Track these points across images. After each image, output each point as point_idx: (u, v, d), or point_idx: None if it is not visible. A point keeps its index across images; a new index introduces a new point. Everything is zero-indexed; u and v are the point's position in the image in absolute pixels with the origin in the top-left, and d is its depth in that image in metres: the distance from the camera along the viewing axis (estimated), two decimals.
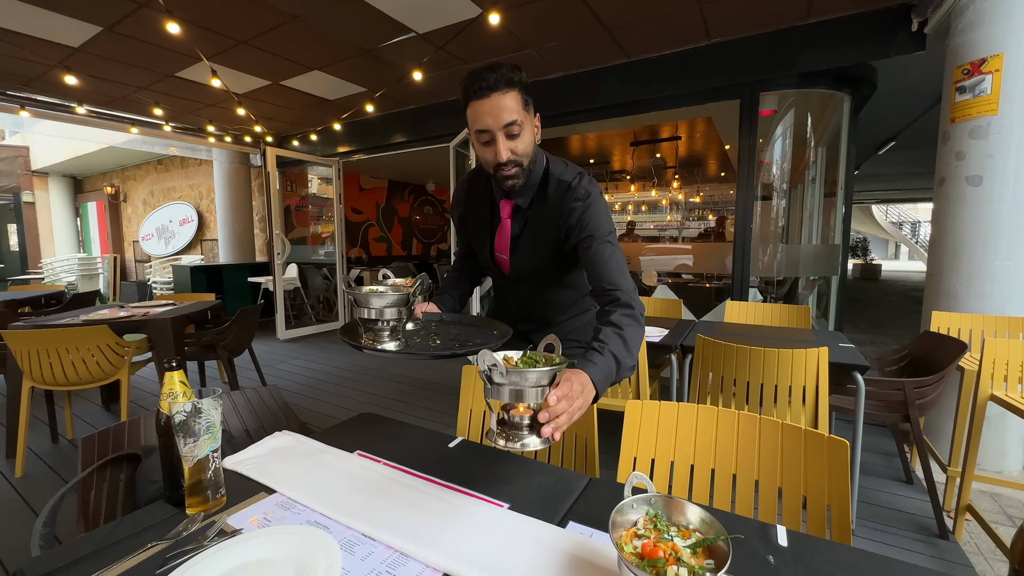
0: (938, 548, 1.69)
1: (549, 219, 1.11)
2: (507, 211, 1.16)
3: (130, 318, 2.57)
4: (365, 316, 0.94)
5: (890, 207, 19.64)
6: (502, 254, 1.21)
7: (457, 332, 1.14)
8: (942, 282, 2.34)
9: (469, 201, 1.25)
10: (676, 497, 0.61)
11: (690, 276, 4.83)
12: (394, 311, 0.95)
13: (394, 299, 0.95)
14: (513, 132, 0.98)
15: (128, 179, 8.86)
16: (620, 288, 1.00)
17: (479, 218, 1.23)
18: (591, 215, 1.05)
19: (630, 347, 0.91)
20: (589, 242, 1.04)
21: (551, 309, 1.29)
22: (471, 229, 1.27)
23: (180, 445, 0.76)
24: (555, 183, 1.10)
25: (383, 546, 0.69)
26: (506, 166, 1.01)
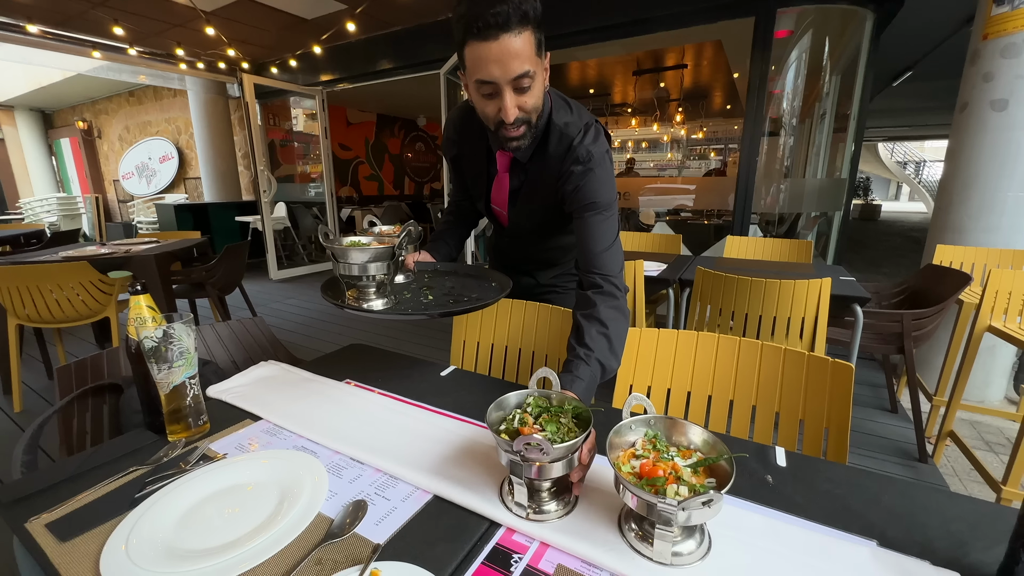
0: (917, 470, 1.76)
1: (549, 178, 0.97)
2: (504, 164, 1.02)
3: (111, 255, 2.48)
4: (346, 272, 0.87)
5: (896, 145, 19.08)
6: (499, 208, 1.11)
7: (452, 284, 1.07)
8: (950, 215, 2.27)
9: (463, 143, 1.09)
10: (677, 418, 0.58)
11: (689, 213, 4.72)
12: (379, 266, 0.88)
13: (378, 253, 0.87)
14: (523, 85, 0.80)
15: (100, 113, 8.35)
16: (606, 272, 0.90)
17: (474, 164, 1.09)
18: (589, 183, 0.92)
19: (615, 348, 0.84)
20: (581, 212, 0.93)
21: (555, 253, 1.23)
22: (466, 174, 1.13)
23: (154, 372, 0.72)
24: (557, 136, 0.94)
25: (372, 469, 0.67)
26: (512, 126, 0.85)
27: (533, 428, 0.58)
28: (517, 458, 0.53)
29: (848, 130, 3.77)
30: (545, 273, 1.25)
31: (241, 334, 1.22)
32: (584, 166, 0.92)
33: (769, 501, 0.60)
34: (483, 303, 0.93)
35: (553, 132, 0.94)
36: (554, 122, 0.94)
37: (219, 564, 0.50)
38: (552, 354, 1.17)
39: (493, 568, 0.50)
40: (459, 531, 0.55)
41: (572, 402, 0.63)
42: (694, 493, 0.48)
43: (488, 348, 1.25)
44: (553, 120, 0.94)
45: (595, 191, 0.92)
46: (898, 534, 0.55)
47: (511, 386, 0.94)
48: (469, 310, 0.92)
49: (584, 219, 0.93)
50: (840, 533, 0.54)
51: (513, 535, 0.55)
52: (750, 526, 0.55)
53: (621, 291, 0.90)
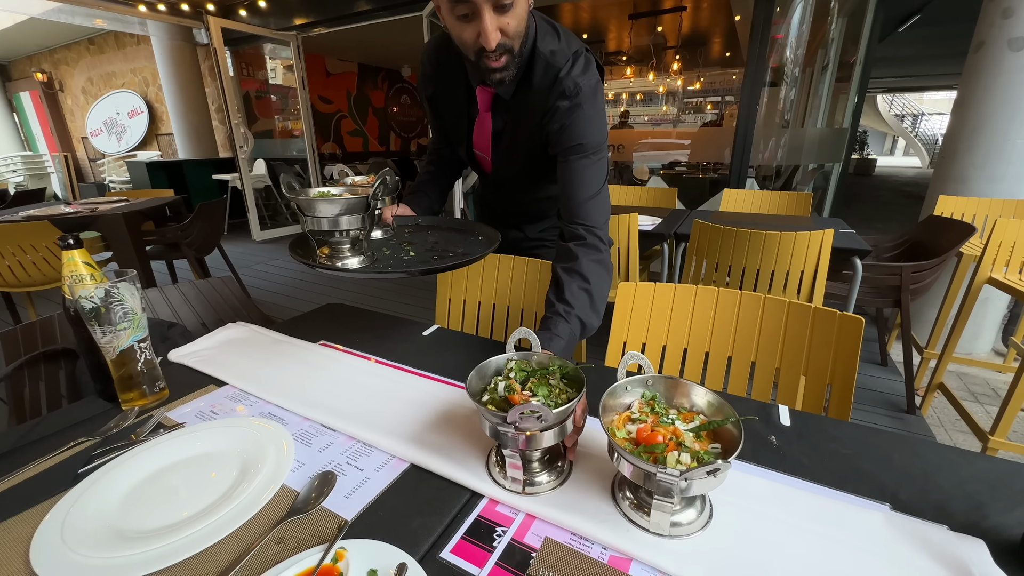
0: (904, 422, 1.78)
1: (534, 115, 0.87)
2: (485, 102, 0.91)
3: (76, 215, 2.34)
4: (316, 227, 0.78)
5: (896, 98, 18.63)
6: (482, 152, 1.00)
7: (435, 240, 0.98)
8: (954, 165, 2.20)
9: (440, 79, 0.97)
10: (678, 377, 0.52)
11: (684, 167, 4.59)
12: (352, 219, 0.78)
13: (350, 204, 0.77)
14: (504, 2, 0.70)
15: (60, 63, 7.77)
16: (590, 223, 0.83)
17: (453, 104, 0.97)
18: (576, 122, 0.83)
19: (596, 305, 0.79)
20: (566, 155, 0.84)
21: (543, 204, 1.14)
22: (445, 115, 1.02)
23: (96, 336, 0.65)
24: (542, 67, 0.83)
25: (344, 436, 0.62)
26: (494, 54, 0.75)
27: (523, 395, 0.52)
28: (511, 430, 0.47)
29: (852, 79, 3.61)
30: (533, 226, 1.17)
31: (209, 294, 1.14)
32: (571, 101, 0.82)
33: (773, 463, 0.56)
34: (469, 258, 0.85)
35: (538, 62, 0.83)
36: (539, 50, 0.82)
37: (165, 548, 0.45)
38: (542, 311, 1.11)
39: (474, 543, 0.45)
40: (437, 503, 0.50)
41: (557, 361, 0.57)
42: (697, 461, 0.43)
43: (475, 306, 1.19)
44: (538, 48, 0.82)
45: (583, 131, 0.83)
46: (912, 496, 0.51)
47: (498, 345, 0.88)
48: (454, 266, 0.84)
49: (569, 163, 0.84)
50: (850, 497, 0.50)
51: (496, 506, 0.50)
52: (754, 491, 0.51)
53: (605, 244, 0.83)
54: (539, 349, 0.59)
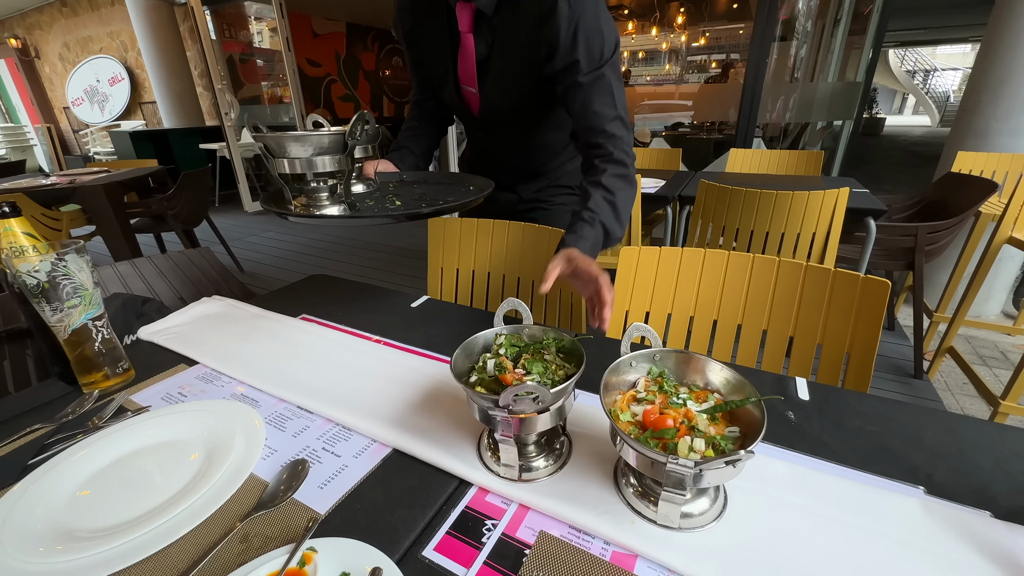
0: (911, 386, 1.74)
1: (524, 32, 0.77)
2: (466, 21, 0.81)
3: (54, 186, 2.24)
4: (287, 170, 0.70)
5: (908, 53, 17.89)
6: (469, 86, 0.89)
7: (422, 192, 0.90)
8: (975, 118, 2.07)
9: (416, 13, 0.88)
10: (691, 352, 0.46)
11: (687, 128, 4.41)
12: (328, 160, 0.70)
13: (324, 142, 0.69)
14: None
15: (33, 28, 7.41)
16: (614, 137, 0.76)
17: (433, 35, 0.87)
18: (583, 27, 0.72)
19: (620, 216, 0.74)
20: (575, 71, 0.74)
21: (538, 156, 1.04)
22: (424, 50, 0.92)
23: (44, 314, 0.59)
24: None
25: (321, 419, 0.57)
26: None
27: (516, 373, 0.46)
28: (503, 413, 0.41)
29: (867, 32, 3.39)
30: (527, 186, 1.08)
31: (186, 267, 1.07)
32: (572, 11, 0.72)
33: (792, 443, 0.50)
34: (459, 203, 0.78)
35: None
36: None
37: (114, 550, 0.40)
38: (539, 279, 1.04)
39: (460, 539, 0.41)
40: (421, 493, 0.46)
41: (551, 334, 0.51)
42: (712, 447, 0.38)
43: (469, 275, 1.12)
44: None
45: (589, 38, 0.73)
46: (948, 478, 0.46)
47: (492, 316, 0.82)
48: (443, 211, 0.76)
49: (578, 80, 0.75)
50: (880, 480, 0.45)
51: (486, 496, 0.45)
52: (773, 475, 0.46)
53: (630, 160, 0.77)
54: (530, 321, 0.53)
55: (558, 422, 0.45)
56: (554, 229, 0.99)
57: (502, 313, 0.53)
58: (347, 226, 0.72)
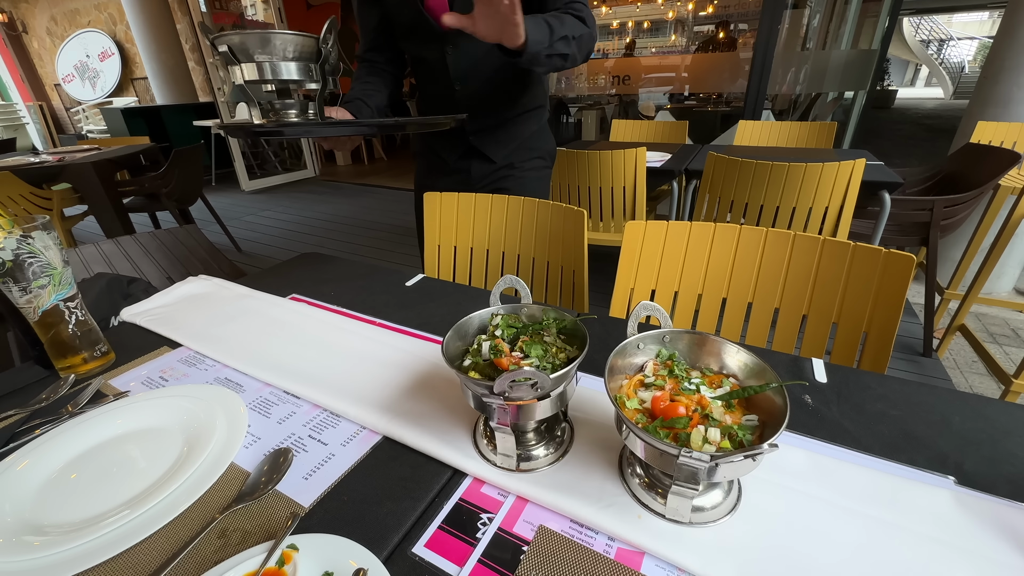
0: (920, 365, 1.71)
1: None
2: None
3: (42, 164, 2.18)
4: (256, 76, 0.64)
5: (923, 21, 17.27)
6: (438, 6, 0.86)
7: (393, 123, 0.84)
8: (997, 86, 1.98)
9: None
10: (704, 332, 0.42)
11: (693, 101, 4.28)
12: (300, 67, 0.65)
13: (295, 43, 0.63)
14: None
15: (19, 2, 7.18)
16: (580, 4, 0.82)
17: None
18: None
19: (566, 27, 0.78)
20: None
21: (505, 93, 0.99)
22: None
23: (12, 295, 0.55)
24: None
25: (309, 405, 0.54)
26: None
27: (512, 357, 0.43)
28: (499, 401, 0.38)
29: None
30: (501, 147, 1.03)
31: (173, 245, 1.03)
32: None
33: (810, 429, 0.47)
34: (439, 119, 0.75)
35: None
36: None
37: (82, 546, 0.37)
38: (540, 256, 1.00)
39: (453, 534, 0.38)
40: (411, 484, 0.43)
41: (552, 313, 0.47)
42: (728, 438, 0.34)
43: (467, 253, 1.08)
44: None
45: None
46: (979, 467, 0.42)
47: (486, 294, 0.78)
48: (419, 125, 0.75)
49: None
50: (906, 469, 0.42)
51: (481, 487, 0.42)
52: (790, 465, 0.42)
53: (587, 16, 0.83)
54: (529, 300, 0.49)
55: (559, 408, 0.42)
56: (556, 204, 0.94)
57: (498, 292, 0.49)
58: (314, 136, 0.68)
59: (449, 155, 1.06)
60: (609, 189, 1.65)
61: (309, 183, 5.23)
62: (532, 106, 1.04)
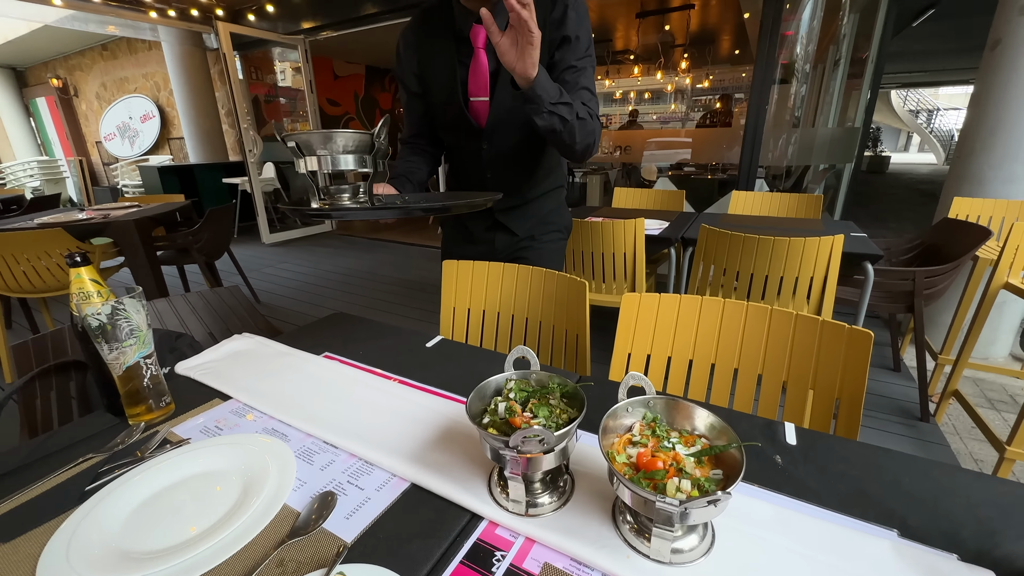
0: (918, 429, 1.74)
1: None
2: (482, 39, 0.97)
3: (89, 221, 2.38)
4: (315, 167, 0.76)
5: (910, 93, 18.30)
6: (479, 96, 1.01)
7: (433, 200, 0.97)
8: (970, 165, 2.15)
9: (425, 44, 1.03)
10: (679, 398, 0.51)
11: (692, 168, 4.55)
12: (355, 158, 0.76)
13: (353, 139, 0.75)
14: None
15: (74, 69, 7.92)
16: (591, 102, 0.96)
17: (443, 61, 1.02)
18: (584, 26, 0.96)
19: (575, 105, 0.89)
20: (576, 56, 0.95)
21: (529, 176, 1.13)
22: (432, 80, 1.05)
23: (103, 352, 0.66)
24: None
25: (346, 454, 0.62)
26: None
27: (524, 417, 0.52)
28: (512, 453, 0.47)
29: (864, 75, 3.55)
30: (523, 222, 1.16)
31: (216, 304, 1.15)
32: (578, 14, 0.94)
33: (778, 485, 0.55)
34: (477, 200, 0.85)
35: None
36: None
37: (168, 569, 0.45)
38: (546, 320, 1.11)
39: (473, 568, 0.45)
40: (437, 525, 0.50)
41: (556, 379, 0.57)
42: (698, 489, 0.42)
43: (479, 315, 1.19)
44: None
45: (587, 32, 0.96)
46: (920, 522, 0.49)
47: (501, 357, 0.88)
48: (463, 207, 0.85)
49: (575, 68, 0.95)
50: (857, 522, 0.49)
51: (496, 529, 0.50)
52: (758, 516, 0.50)
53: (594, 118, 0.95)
54: (537, 367, 0.59)
55: (561, 462, 0.50)
56: (561, 274, 1.06)
57: (512, 359, 0.59)
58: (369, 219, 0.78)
59: (476, 227, 1.20)
60: (611, 255, 1.78)
61: (326, 236, 5.49)
62: (553, 187, 1.18)
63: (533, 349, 1.11)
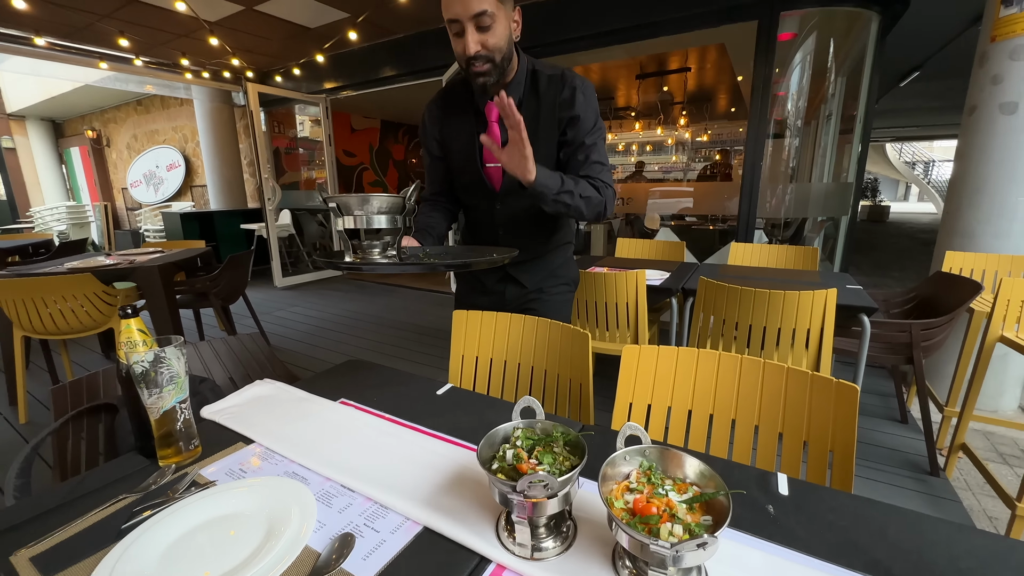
0: (928, 484, 1.72)
1: (547, 115, 1.07)
2: (494, 114, 1.10)
3: (116, 266, 2.50)
4: (352, 226, 0.86)
5: (904, 145, 18.89)
6: (493, 162, 1.14)
7: (455, 256, 1.06)
8: (959, 220, 2.23)
9: (447, 118, 1.17)
10: (672, 447, 0.56)
11: (693, 218, 4.69)
12: (389, 219, 0.87)
13: (388, 202, 0.85)
14: (484, 24, 0.93)
15: (109, 122, 8.45)
16: (603, 173, 1.08)
17: (462, 131, 1.15)
18: (591, 105, 1.07)
19: (578, 186, 1.02)
20: (584, 134, 1.06)
21: (539, 234, 1.23)
22: (452, 148, 1.18)
23: (144, 396, 0.72)
24: (545, 79, 1.07)
25: (362, 498, 0.66)
26: (476, 61, 0.97)
27: (530, 463, 0.56)
28: (519, 498, 0.51)
29: (854, 131, 3.73)
30: (533, 276, 1.24)
31: (239, 350, 1.22)
32: (585, 95, 1.06)
33: (770, 534, 0.58)
34: (496, 258, 0.94)
35: (541, 77, 1.08)
36: (538, 70, 1.09)
37: None
38: (551, 369, 1.15)
39: None
40: (448, 567, 0.54)
41: (559, 428, 0.62)
42: (689, 533, 0.46)
43: (487, 363, 1.24)
44: (537, 69, 1.09)
45: (596, 114, 1.08)
46: (904, 572, 0.52)
47: (508, 406, 0.92)
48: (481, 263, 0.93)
49: (584, 144, 1.07)
50: (844, 572, 0.52)
51: (504, 572, 0.53)
52: (750, 563, 0.53)
53: (605, 188, 1.07)
54: (542, 416, 0.64)
55: (564, 507, 0.54)
56: (565, 325, 1.12)
57: (519, 408, 0.64)
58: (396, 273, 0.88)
59: (488, 279, 1.29)
60: (615, 304, 1.85)
61: (336, 280, 5.62)
62: (561, 243, 1.28)
63: (539, 397, 1.16)
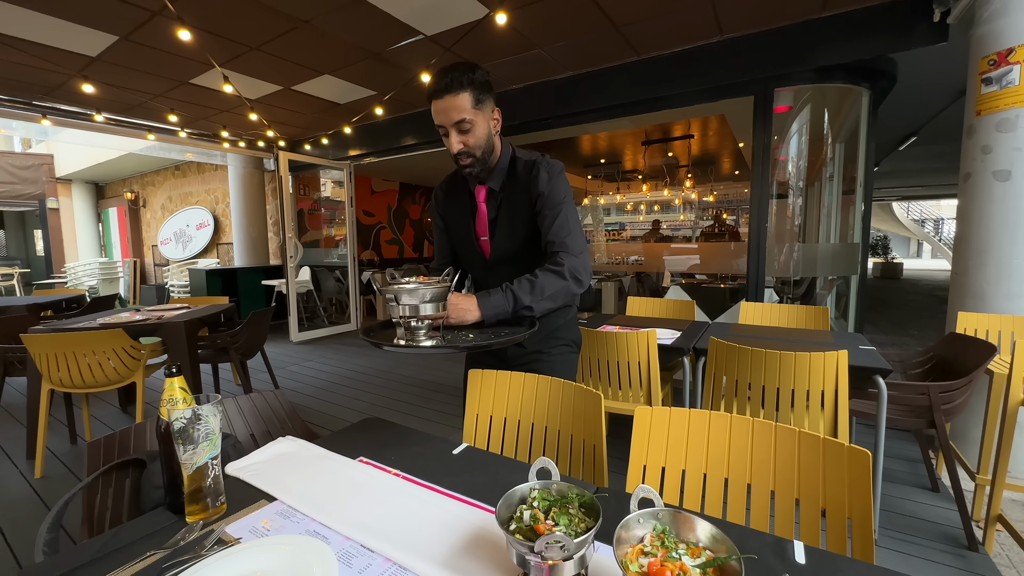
0: (968, 560, 1.62)
1: (521, 196, 1.22)
2: (482, 195, 1.26)
3: (145, 321, 2.60)
4: (408, 312, 0.97)
5: (912, 204, 19.14)
6: (483, 236, 1.29)
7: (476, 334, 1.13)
8: (968, 281, 2.25)
9: (449, 200, 1.35)
10: (685, 511, 0.58)
11: (704, 276, 4.75)
12: (435, 306, 1.00)
13: (437, 292, 1.00)
14: (464, 128, 1.11)
15: (147, 185, 9.06)
16: (565, 245, 1.15)
17: (460, 210, 1.31)
18: (555, 183, 1.19)
19: (536, 291, 1.11)
20: (551, 205, 1.18)
21: None
22: (453, 222, 1.35)
23: (179, 452, 0.76)
24: (522, 164, 1.23)
25: (381, 558, 0.67)
26: (460, 156, 1.15)
27: (547, 524, 0.58)
28: (537, 559, 0.53)
29: (856, 192, 3.84)
30: (530, 338, 1.29)
31: (261, 407, 1.26)
32: (549, 175, 1.20)
33: None
34: (518, 335, 1.04)
35: (519, 163, 1.24)
36: (518, 157, 1.25)
37: None
38: (565, 429, 1.17)
39: None
40: None
41: (574, 490, 0.64)
42: None
43: (501, 422, 1.26)
44: (517, 156, 1.26)
45: (559, 189, 1.20)
46: None
47: (522, 467, 0.94)
48: (506, 343, 1.02)
49: (549, 212, 1.18)
50: None
51: None
52: None
53: (567, 262, 1.13)
54: (558, 477, 0.66)
55: (580, 570, 0.56)
56: (577, 385, 1.15)
57: (535, 469, 0.67)
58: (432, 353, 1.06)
59: None
60: (626, 364, 1.87)
61: (350, 336, 5.70)
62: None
63: (553, 456, 1.17)
